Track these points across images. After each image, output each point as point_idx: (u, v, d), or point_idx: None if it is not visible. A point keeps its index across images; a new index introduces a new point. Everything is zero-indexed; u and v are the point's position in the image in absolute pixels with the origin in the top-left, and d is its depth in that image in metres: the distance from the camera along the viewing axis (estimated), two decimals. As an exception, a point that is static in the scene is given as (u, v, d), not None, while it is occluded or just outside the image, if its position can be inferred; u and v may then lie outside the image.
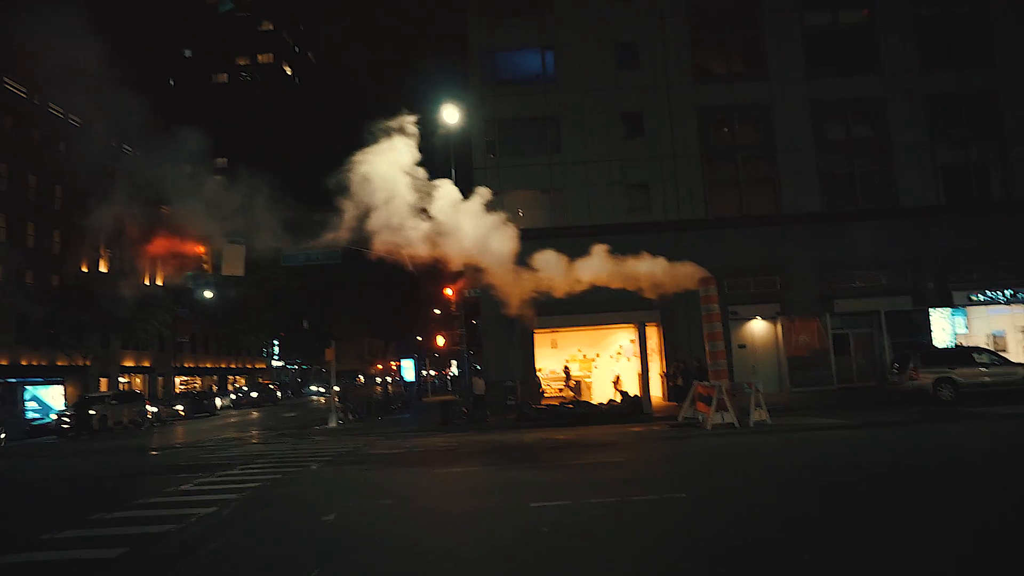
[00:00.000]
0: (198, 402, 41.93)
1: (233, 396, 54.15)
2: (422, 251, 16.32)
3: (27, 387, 38.58)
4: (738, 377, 23.31)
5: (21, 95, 43.29)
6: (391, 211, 15.63)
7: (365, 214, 15.68)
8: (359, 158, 15.47)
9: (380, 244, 15.96)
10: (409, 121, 15.89)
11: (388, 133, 15.61)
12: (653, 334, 26.58)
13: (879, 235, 25.82)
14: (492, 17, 27.86)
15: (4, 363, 38.60)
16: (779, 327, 26.10)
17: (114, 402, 33.41)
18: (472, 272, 17.10)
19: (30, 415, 35.59)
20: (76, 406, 31.39)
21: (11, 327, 39.47)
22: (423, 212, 16.07)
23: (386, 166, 15.41)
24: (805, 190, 26.66)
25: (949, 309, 25.44)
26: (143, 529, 8.47)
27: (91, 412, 30.17)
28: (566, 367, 27.14)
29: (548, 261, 17.38)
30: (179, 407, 39.41)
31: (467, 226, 16.13)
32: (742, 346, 26.30)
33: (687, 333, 25.06)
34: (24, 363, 39.97)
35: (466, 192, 17.47)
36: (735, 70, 27.99)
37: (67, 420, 29.94)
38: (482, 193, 17.21)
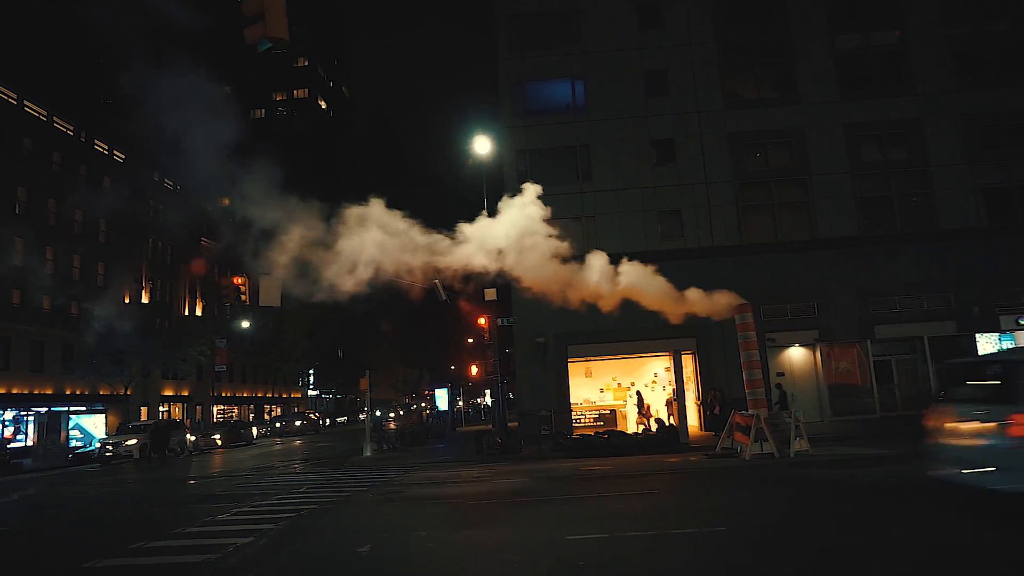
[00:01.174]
0: (235, 431, 42.40)
1: (277, 424, 55.24)
2: (459, 264, 16.42)
3: (71, 416, 39.50)
4: (776, 407, 22.86)
5: (68, 132, 45.02)
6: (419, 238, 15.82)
7: (400, 242, 15.85)
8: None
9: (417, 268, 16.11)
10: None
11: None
12: (689, 362, 26.25)
13: (920, 259, 25.27)
14: (522, 49, 28.26)
15: (49, 392, 39.61)
16: (818, 354, 25.51)
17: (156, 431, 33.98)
18: (510, 281, 17.06)
19: (73, 443, 36.37)
20: (119, 434, 32.09)
21: (57, 356, 40.56)
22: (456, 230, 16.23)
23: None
24: (841, 214, 26.28)
25: (996, 334, 24.63)
26: (182, 559, 8.53)
27: (133, 441, 30.83)
28: (639, 393, 26.23)
29: (593, 266, 17.23)
30: (216, 436, 39.96)
31: (505, 230, 16.25)
32: (780, 374, 25.74)
33: (723, 361, 24.70)
34: (68, 392, 40.96)
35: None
36: (766, 95, 27.90)
37: (110, 448, 30.57)
38: (529, 191, 17.37)
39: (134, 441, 31.09)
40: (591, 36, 28.09)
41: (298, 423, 56.32)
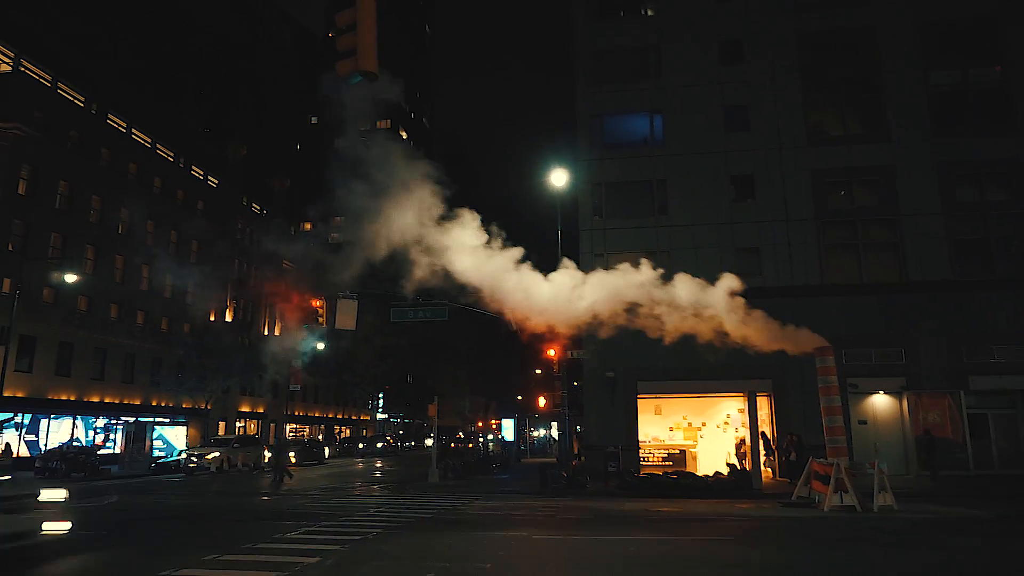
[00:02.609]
0: (309, 450, 43.48)
1: (360, 445, 58.12)
2: (524, 305, 16.39)
3: (155, 427, 41.43)
4: (858, 456, 21.71)
5: (169, 159, 47.93)
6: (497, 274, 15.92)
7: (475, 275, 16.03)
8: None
9: (489, 302, 16.21)
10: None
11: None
12: (764, 404, 25.29)
13: (1021, 306, 23.72)
14: (600, 83, 28.45)
15: (137, 402, 41.68)
16: (905, 403, 24.20)
17: (236, 445, 35.58)
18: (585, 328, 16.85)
19: (156, 453, 38.04)
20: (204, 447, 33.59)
21: (146, 369, 42.72)
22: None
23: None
24: (933, 256, 25.04)
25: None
26: (251, 574, 8.71)
27: (214, 456, 32.30)
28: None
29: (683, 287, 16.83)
30: (292, 453, 41.09)
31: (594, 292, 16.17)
32: (863, 422, 24.53)
33: (801, 405, 23.73)
34: (154, 403, 42.99)
35: (572, 253, 17.59)
36: (853, 131, 27.07)
37: (194, 460, 32.03)
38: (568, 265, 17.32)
39: (216, 454, 32.61)
40: (671, 70, 28.02)
41: (379, 444, 59.38)
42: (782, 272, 25.76)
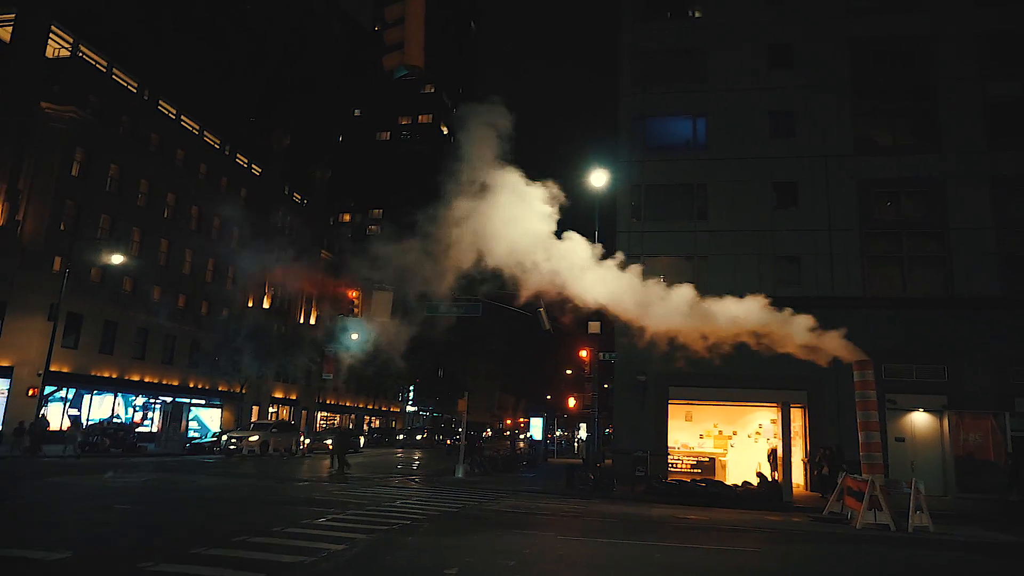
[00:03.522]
0: (345, 438, 44.24)
1: (400, 436, 59.40)
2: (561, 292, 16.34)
3: (191, 407, 42.39)
4: (893, 474, 21.24)
5: (215, 146, 48.92)
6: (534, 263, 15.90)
7: (511, 270, 16.03)
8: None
9: (525, 292, 16.20)
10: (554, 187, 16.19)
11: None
12: (797, 416, 24.88)
13: (1073, 328, 22.88)
14: (645, 84, 28.21)
15: (175, 383, 42.67)
16: (945, 422, 23.54)
17: (275, 431, 36.53)
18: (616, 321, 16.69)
19: (191, 434, 38.93)
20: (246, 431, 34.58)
21: (185, 351, 43.71)
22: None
23: (528, 225, 15.69)
24: (982, 272, 24.30)
25: None
26: (277, 557, 8.85)
27: (253, 439, 33.21)
28: (772, 451, 24.08)
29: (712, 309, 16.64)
30: (328, 441, 42.01)
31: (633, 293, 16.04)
32: (900, 439, 23.94)
33: (835, 418, 23.28)
34: (191, 385, 43.97)
35: (607, 255, 17.48)
36: (903, 141, 26.40)
37: (234, 443, 32.89)
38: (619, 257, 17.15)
39: (256, 438, 33.55)
40: (717, 73, 27.67)
41: (418, 437, 60.80)
42: (822, 282, 25.27)
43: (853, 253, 25.41)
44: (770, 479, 21.99)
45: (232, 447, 32.82)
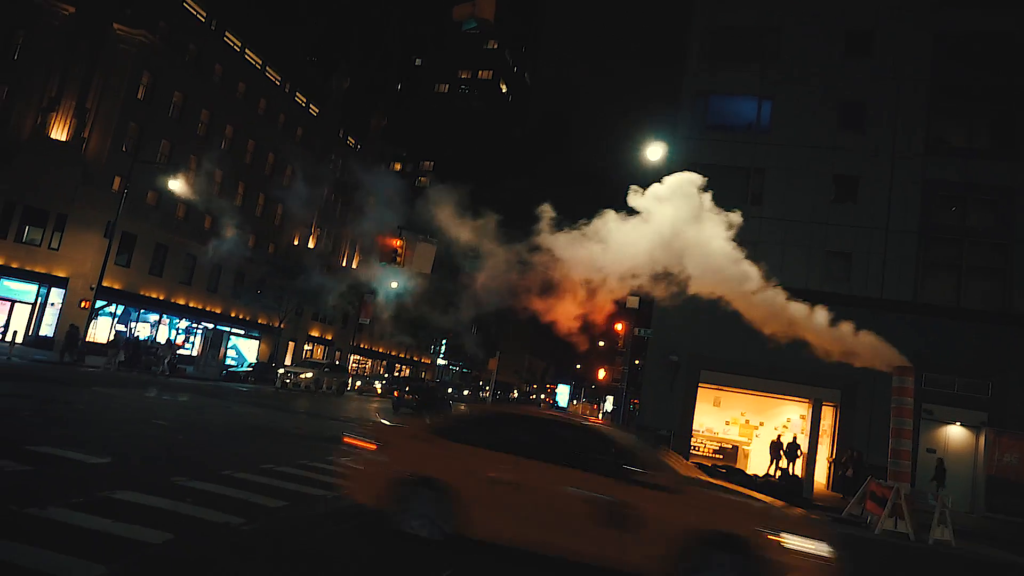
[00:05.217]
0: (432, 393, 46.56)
1: (449, 389, 61.56)
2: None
3: (231, 336, 43.68)
4: (919, 484, 20.85)
5: (276, 82, 49.33)
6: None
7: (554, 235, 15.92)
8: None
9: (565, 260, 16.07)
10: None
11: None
12: (828, 415, 24.50)
13: None
14: (713, 60, 27.41)
15: (218, 311, 43.90)
16: (982, 439, 22.94)
17: (327, 370, 38.02)
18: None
19: (228, 361, 40.21)
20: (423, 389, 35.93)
21: (229, 282, 44.84)
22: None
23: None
24: (1042, 291, 23.35)
25: None
26: (301, 488, 9.16)
27: (307, 375, 34.79)
28: (775, 441, 23.67)
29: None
30: (377, 384, 43.94)
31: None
32: (931, 450, 23.45)
33: (867, 422, 22.86)
34: (232, 315, 45.20)
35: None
36: (977, 145, 25.27)
37: (289, 378, 34.39)
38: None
39: (309, 375, 35.09)
40: (789, 55, 26.71)
41: (449, 390, 62.34)
42: (872, 282, 24.60)
43: (908, 256, 24.62)
44: (776, 470, 21.83)
45: (288, 381, 34.39)
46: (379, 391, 46.29)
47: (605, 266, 14.61)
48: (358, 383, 45.98)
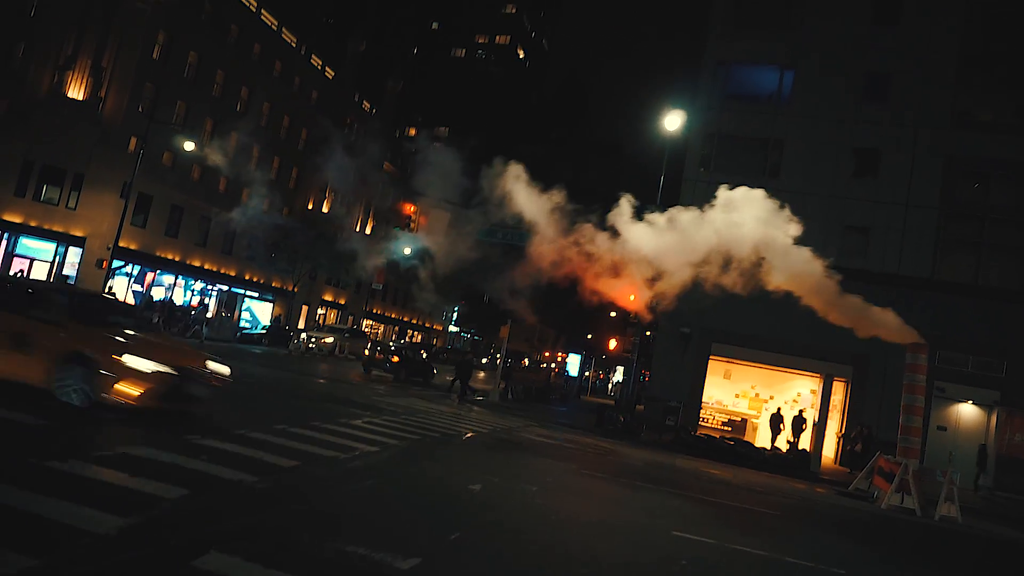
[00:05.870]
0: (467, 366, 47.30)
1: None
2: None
3: (245, 299, 44.03)
4: (929, 462, 20.84)
5: (291, 44, 48.89)
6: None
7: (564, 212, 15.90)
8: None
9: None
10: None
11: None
12: (839, 390, 24.46)
13: None
14: (735, 28, 26.84)
15: (232, 273, 44.19)
16: (994, 418, 22.87)
17: (347, 335, 38.57)
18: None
19: (242, 324, 40.59)
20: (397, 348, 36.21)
21: (243, 244, 45.02)
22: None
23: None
24: (1063, 270, 23.01)
25: None
26: (314, 449, 9.29)
27: (328, 340, 35.32)
28: (775, 413, 23.78)
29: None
30: (475, 367, 45.39)
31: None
32: (942, 428, 23.42)
33: (878, 398, 22.83)
34: (247, 277, 45.50)
35: (671, 202, 17.12)
36: (1004, 120, 24.72)
37: (313, 342, 34.84)
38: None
39: (331, 339, 35.64)
40: (814, 23, 26.11)
41: (484, 360, 63.48)
42: (889, 258, 24.33)
43: (928, 232, 24.30)
44: (787, 443, 21.91)
45: (311, 345, 34.88)
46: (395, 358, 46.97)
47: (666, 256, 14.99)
48: (379, 349, 46.38)
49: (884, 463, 16.26)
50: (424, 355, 33.09)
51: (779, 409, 23.99)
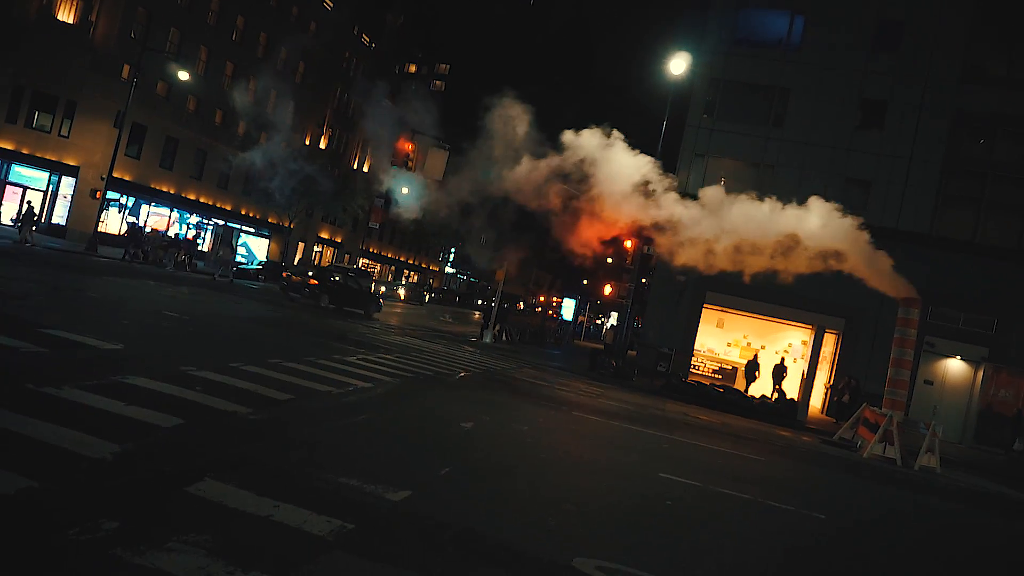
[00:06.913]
0: (418, 290, 47.41)
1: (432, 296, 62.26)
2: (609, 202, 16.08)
3: (241, 234, 43.81)
4: (914, 414, 21.24)
5: (290, -27, 47.31)
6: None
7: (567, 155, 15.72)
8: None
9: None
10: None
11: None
12: (830, 342, 24.73)
13: None
14: (748, -31, 26.03)
15: (228, 208, 43.89)
16: (980, 374, 23.19)
17: (351, 275, 38.52)
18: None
19: (238, 259, 40.43)
20: (321, 270, 36.00)
21: (240, 179, 44.55)
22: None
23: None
24: (1062, 230, 22.98)
25: None
26: (308, 384, 9.39)
27: (335, 278, 35.25)
28: (750, 360, 24.27)
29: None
30: (401, 290, 45.27)
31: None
32: (928, 382, 23.77)
33: (868, 350, 23.09)
34: (243, 212, 45.20)
35: (674, 146, 16.92)
36: (1017, 75, 24.25)
37: (314, 280, 34.68)
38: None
39: (336, 278, 35.51)
40: (829, -32, 25.31)
41: (480, 302, 64.12)
42: (889, 212, 24.23)
43: (929, 187, 24.15)
44: (775, 392, 22.23)
45: (314, 283, 34.74)
46: (403, 296, 47.97)
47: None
48: (382, 288, 46.91)
49: (870, 414, 16.56)
50: (372, 285, 32.18)
51: (756, 356, 24.35)
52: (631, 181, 15.63)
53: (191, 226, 40.72)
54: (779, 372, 23.83)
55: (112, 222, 35.37)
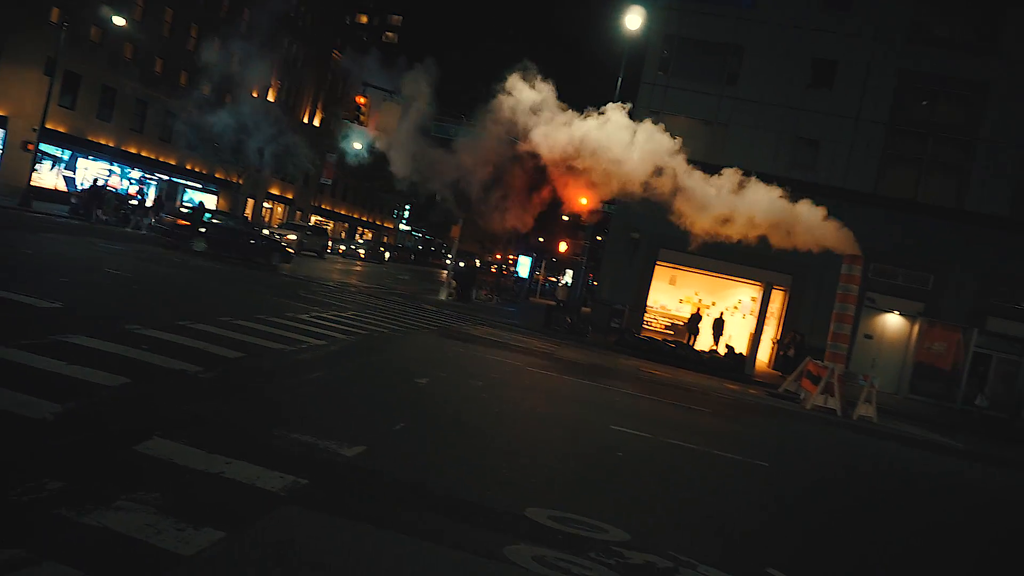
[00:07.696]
0: (375, 247, 47.31)
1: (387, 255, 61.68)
2: (565, 154, 16.04)
3: (187, 190, 42.37)
4: (854, 367, 22.11)
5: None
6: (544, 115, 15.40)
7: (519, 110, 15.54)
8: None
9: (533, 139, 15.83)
10: None
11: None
12: (777, 298, 25.45)
13: (1068, 260, 22.96)
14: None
15: (172, 163, 42.29)
16: (916, 328, 24.22)
17: (309, 232, 38.18)
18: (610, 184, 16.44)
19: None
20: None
21: (184, 133, 42.86)
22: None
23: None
24: (997, 190, 23.91)
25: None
26: (261, 342, 9.24)
27: (292, 237, 35.16)
28: (693, 315, 25.80)
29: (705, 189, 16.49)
30: (361, 250, 45.07)
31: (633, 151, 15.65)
32: (868, 336, 24.72)
33: (813, 306, 23.84)
34: (188, 167, 43.63)
35: (628, 103, 16.87)
36: (960, 38, 24.82)
37: (277, 236, 34.24)
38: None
39: (294, 237, 35.37)
40: (784, -76, 25.24)
41: (412, 257, 65.38)
42: (836, 172, 24.78)
43: (875, 147, 24.73)
44: (724, 347, 22.85)
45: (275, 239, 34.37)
46: (363, 255, 47.56)
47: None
48: (341, 247, 46.97)
49: (813, 367, 17.19)
50: (266, 234, 28.76)
51: (697, 311, 25.13)
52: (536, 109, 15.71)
53: (132, 181, 39.21)
54: (718, 327, 24.61)
55: (47, 176, 33.76)
